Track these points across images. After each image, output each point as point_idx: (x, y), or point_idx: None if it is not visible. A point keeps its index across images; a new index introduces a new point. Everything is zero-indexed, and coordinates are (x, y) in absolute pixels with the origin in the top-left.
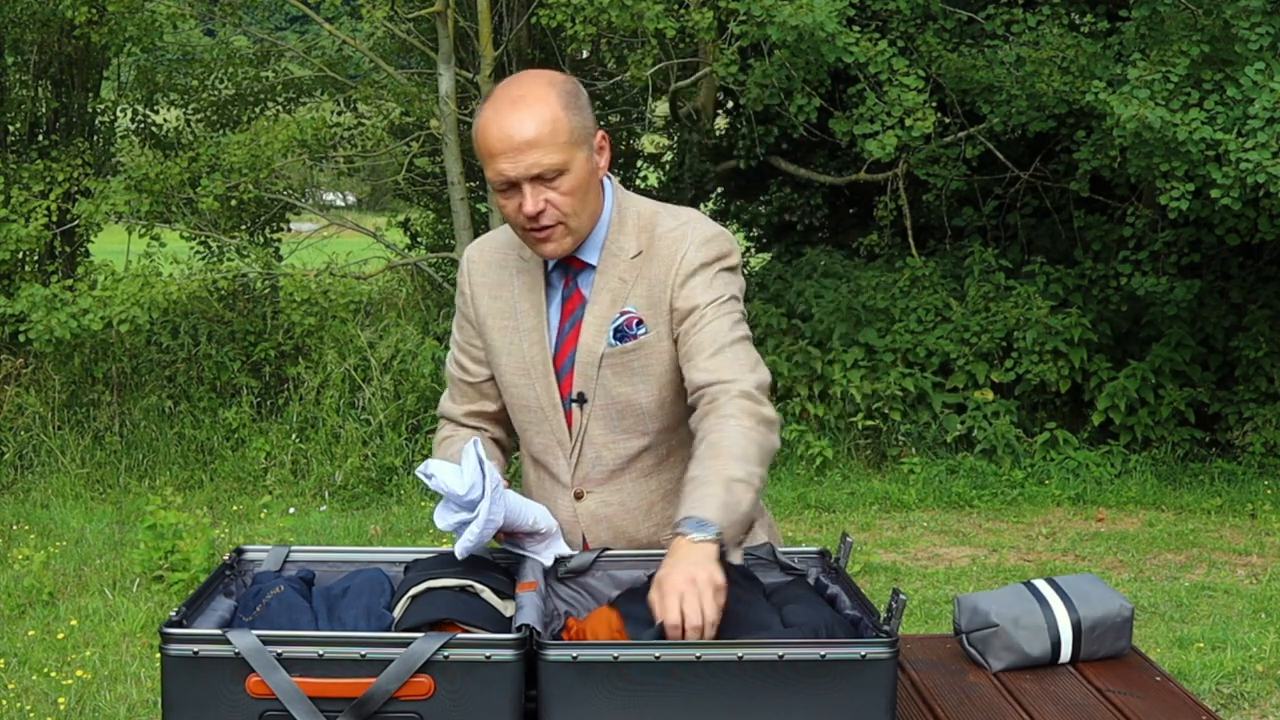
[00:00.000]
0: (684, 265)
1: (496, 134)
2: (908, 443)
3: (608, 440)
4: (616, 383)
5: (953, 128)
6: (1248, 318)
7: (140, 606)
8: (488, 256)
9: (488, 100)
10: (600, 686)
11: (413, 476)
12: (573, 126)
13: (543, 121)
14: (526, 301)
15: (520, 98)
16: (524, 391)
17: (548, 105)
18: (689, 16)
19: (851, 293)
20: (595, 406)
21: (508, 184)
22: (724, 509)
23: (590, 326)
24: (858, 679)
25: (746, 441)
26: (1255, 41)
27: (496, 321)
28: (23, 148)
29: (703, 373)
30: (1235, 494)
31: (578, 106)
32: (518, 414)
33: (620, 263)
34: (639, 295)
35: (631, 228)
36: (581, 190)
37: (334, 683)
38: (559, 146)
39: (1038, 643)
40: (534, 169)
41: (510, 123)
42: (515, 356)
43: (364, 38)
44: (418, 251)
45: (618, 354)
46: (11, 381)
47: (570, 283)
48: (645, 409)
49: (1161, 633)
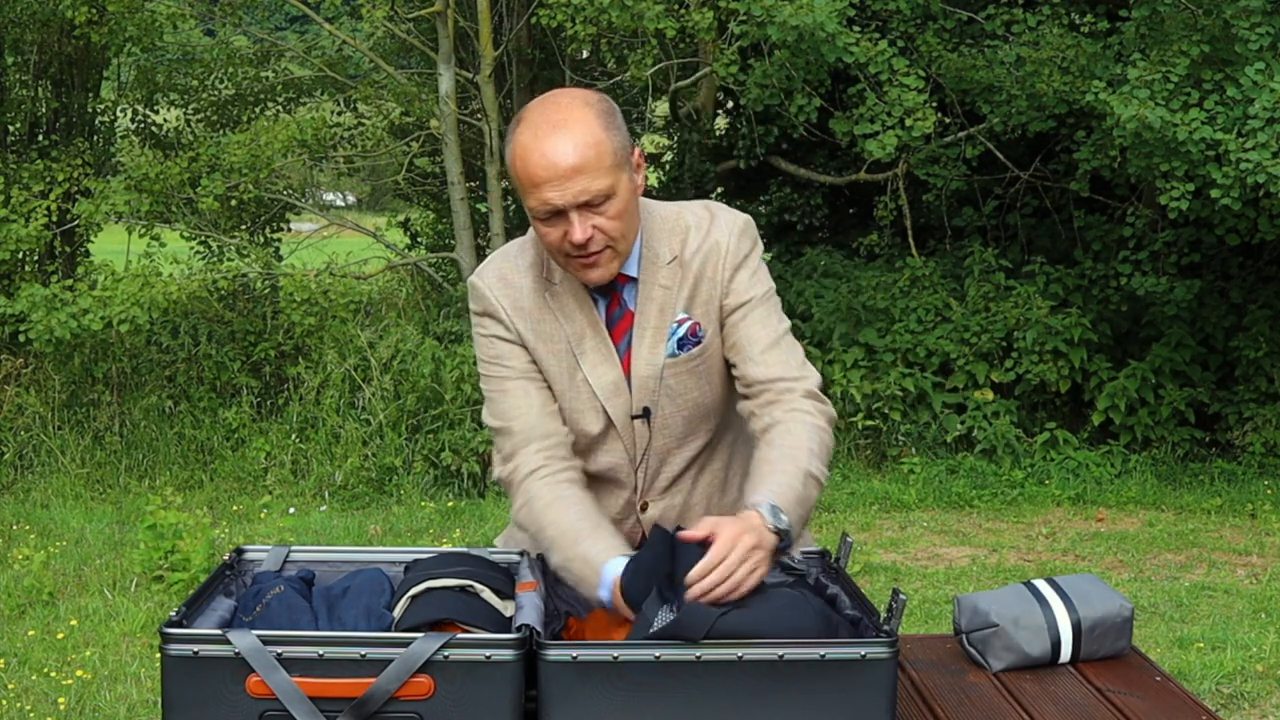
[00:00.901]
0: (728, 260)
1: (540, 161)
2: (908, 443)
3: (671, 447)
4: (680, 389)
5: (953, 128)
6: (1248, 318)
7: (140, 606)
8: (512, 283)
9: (522, 124)
10: (600, 686)
11: (412, 476)
12: (615, 148)
13: (587, 145)
14: (577, 324)
15: (560, 121)
16: (594, 414)
17: (589, 128)
18: (689, 16)
19: (851, 293)
20: (660, 417)
21: (552, 213)
22: (798, 502)
23: (644, 339)
24: (858, 679)
25: (820, 440)
26: (1255, 41)
27: (544, 347)
28: (23, 148)
29: (761, 367)
30: (1235, 494)
31: (616, 126)
32: (582, 436)
33: (659, 269)
34: (688, 299)
35: (661, 233)
36: (628, 212)
37: (334, 683)
38: (605, 170)
39: (1038, 643)
40: (582, 196)
41: (553, 148)
42: (578, 379)
43: (364, 38)
44: (418, 251)
45: (681, 362)
46: (11, 381)
47: (619, 301)
48: (710, 408)
49: (1161, 633)
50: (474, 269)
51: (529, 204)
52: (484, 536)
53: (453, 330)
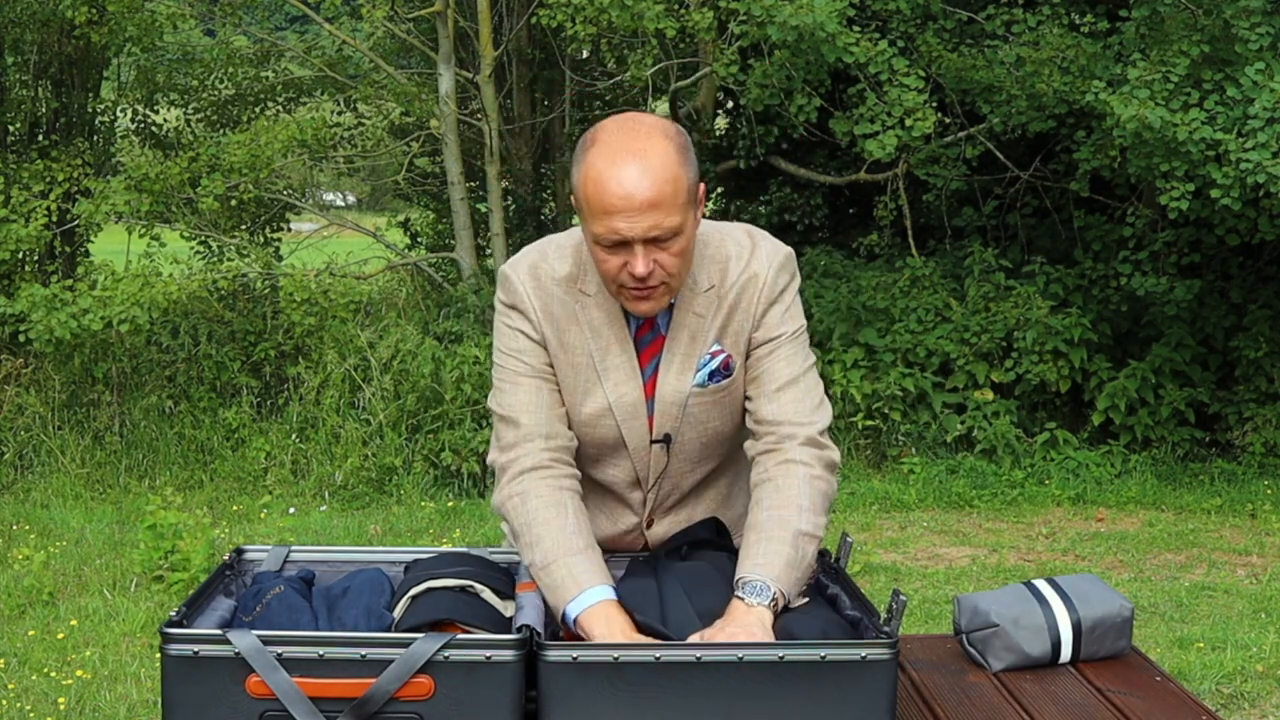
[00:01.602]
0: (764, 294)
1: (615, 190)
2: (908, 443)
3: (685, 471)
4: (703, 418)
5: (953, 128)
6: (1248, 318)
7: (140, 606)
8: (545, 286)
9: (596, 145)
10: (600, 687)
11: (412, 476)
12: (689, 185)
13: (665, 181)
14: (605, 338)
15: (640, 151)
16: (606, 432)
17: (667, 162)
18: (689, 16)
19: (851, 293)
20: (681, 444)
21: (618, 243)
22: (789, 566)
23: (672, 365)
24: (858, 679)
25: (813, 491)
26: (1255, 41)
27: (565, 356)
28: (23, 148)
29: (773, 405)
30: (1235, 494)
31: (690, 162)
32: (591, 450)
33: (696, 297)
34: (720, 329)
35: (703, 259)
36: (689, 250)
37: (334, 683)
38: (678, 208)
39: (1038, 643)
40: (652, 231)
41: (631, 179)
42: (596, 394)
43: (364, 38)
44: (418, 251)
45: (709, 393)
46: (11, 381)
47: (651, 324)
48: (728, 435)
49: (1161, 633)
50: (474, 269)
51: (593, 229)
52: (484, 536)
53: (453, 330)
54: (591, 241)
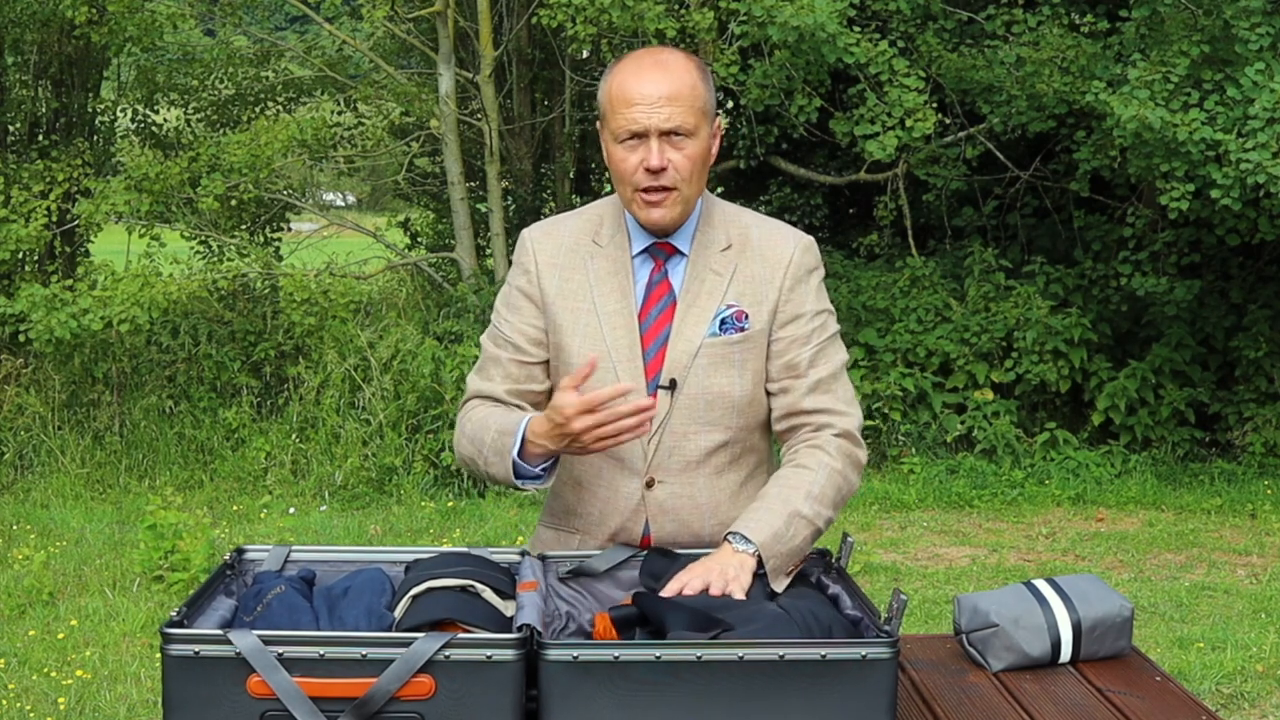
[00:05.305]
0: (793, 268)
1: (635, 83)
2: (908, 443)
3: (689, 430)
4: (711, 372)
5: (953, 128)
6: (1248, 318)
7: (140, 606)
8: (556, 239)
9: (624, 60)
10: (601, 686)
11: (412, 476)
12: (707, 98)
13: (684, 83)
14: (608, 285)
15: (663, 61)
16: (601, 376)
17: (689, 71)
18: (689, 16)
19: (851, 293)
20: (685, 394)
21: (634, 134)
22: (774, 537)
23: (687, 314)
24: (858, 679)
25: (829, 483)
26: (1255, 42)
27: (567, 303)
28: (23, 148)
29: (810, 398)
30: (1235, 494)
31: (710, 84)
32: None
33: (712, 254)
34: (739, 289)
35: (718, 221)
36: (700, 163)
37: (335, 683)
38: (694, 110)
39: (1038, 643)
40: (668, 122)
41: (653, 76)
42: (592, 340)
43: (364, 38)
44: (418, 251)
45: (720, 344)
46: (11, 381)
47: (660, 268)
48: (735, 403)
49: (1161, 633)
50: (474, 269)
51: (613, 126)
52: (484, 536)
53: (453, 330)
54: (611, 142)
